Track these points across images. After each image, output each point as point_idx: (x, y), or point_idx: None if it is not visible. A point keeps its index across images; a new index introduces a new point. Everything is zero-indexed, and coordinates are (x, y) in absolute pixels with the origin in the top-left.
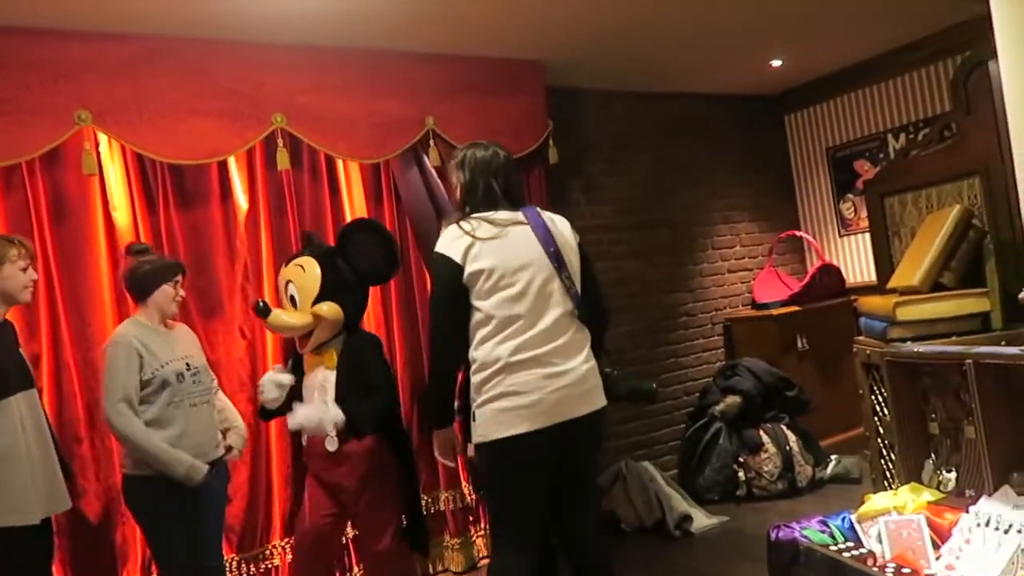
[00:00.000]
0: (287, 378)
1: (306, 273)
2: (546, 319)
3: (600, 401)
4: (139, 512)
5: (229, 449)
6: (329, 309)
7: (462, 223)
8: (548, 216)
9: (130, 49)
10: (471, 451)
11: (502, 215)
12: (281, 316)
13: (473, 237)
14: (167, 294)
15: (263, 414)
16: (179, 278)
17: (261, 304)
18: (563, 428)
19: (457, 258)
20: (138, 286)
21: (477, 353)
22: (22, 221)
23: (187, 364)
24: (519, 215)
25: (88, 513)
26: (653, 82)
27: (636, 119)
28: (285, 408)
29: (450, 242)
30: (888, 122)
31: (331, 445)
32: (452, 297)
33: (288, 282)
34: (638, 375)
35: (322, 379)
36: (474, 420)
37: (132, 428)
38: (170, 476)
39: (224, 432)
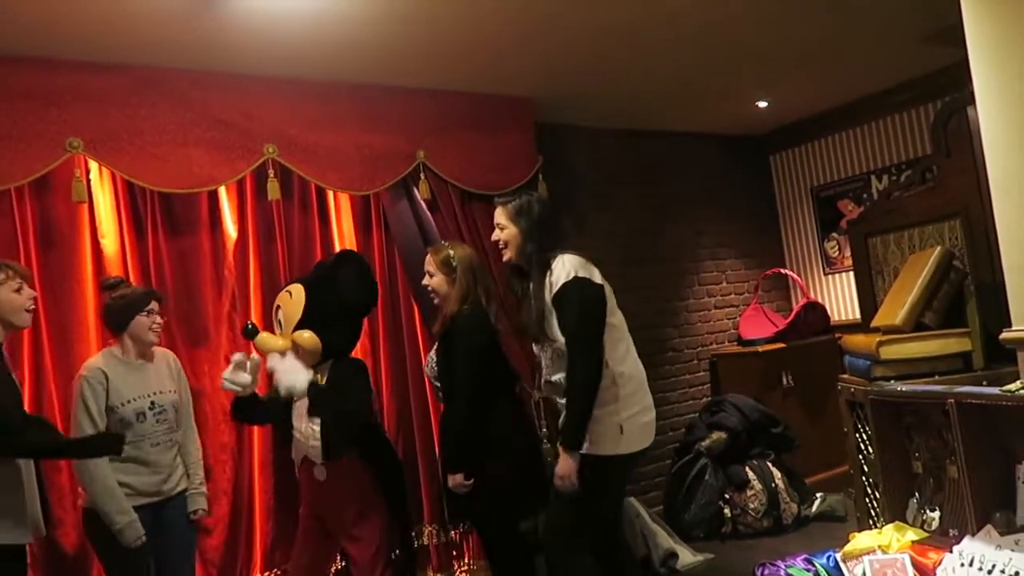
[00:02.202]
0: (254, 360)
1: (292, 299)
2: None
3: None
4: (97, 546)
5: (196, 512)
6: (309, 338)
7: (575, 253)
8: None
9: (122, 78)
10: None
11: None
12: (266, 339)
13: (590, 264)
14: (142, 324)
15: (236, 413)
16: (153, 306)
17: (250, 326)
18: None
19: (599, 280)
20: (113, 320)
21: (623, 367)
22: (10, 247)
23: (151, 403)
24: None
25: (64, 544)
26: (641, 120)
27: (624, 156)
28: (258, 413)
29: (581, 267)
30: (871, 163)
31: (320, 475)
32: (603, 318)
33: (278, 307)
34: None
35: (309, 406)
36: (621, 432)
37: (88, 465)
38: (107, 523)
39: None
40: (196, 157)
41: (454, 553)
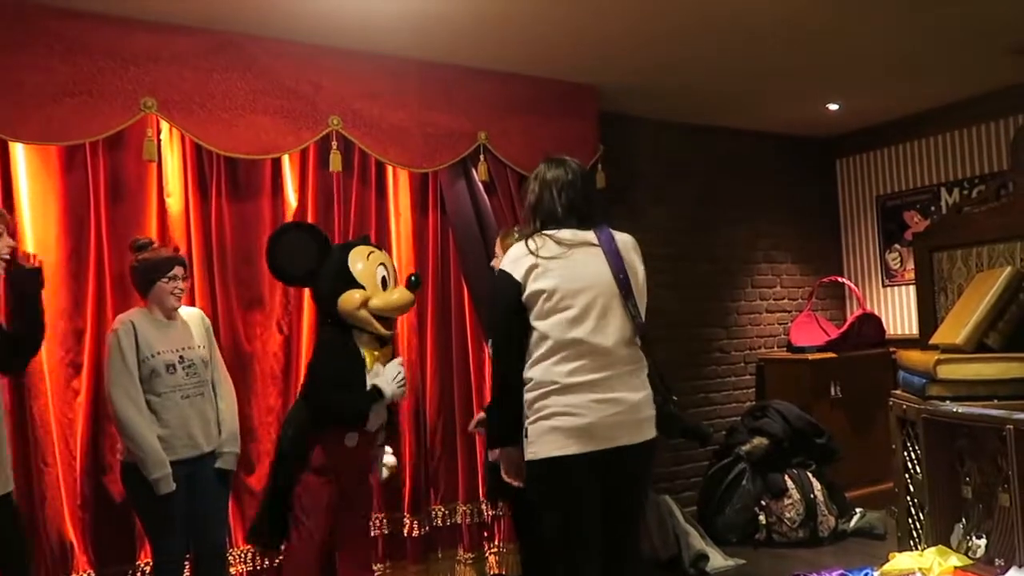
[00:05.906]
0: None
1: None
2: (604, 344)
3: (651, 432)
4: (133, 498)
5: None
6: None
7: (528, 241)
8: (620, 239)
9: (198, 42)
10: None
11: (567, 234)
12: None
13: (537, 256)
14: (162, 290)
15: None
16: (176, 272)
17: (415, 278)
18: (613, 455)
19: (518, 276)
20: (137, 283)
21: (532, 372)
22: (81, 199)
23: (180, 356)
24: (590, 235)
25: (112, 491)
26: (705, 115)
27: (685, 151)
28: None
29: (513, 261)
30: (942, 176)
31: (351, 441)
32: (510, 314)
33: (381, 264)
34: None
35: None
36: (526, 437)
37: (129, 414)
38: (144, 473)
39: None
40: (263, 124)
41: (485, 534)
